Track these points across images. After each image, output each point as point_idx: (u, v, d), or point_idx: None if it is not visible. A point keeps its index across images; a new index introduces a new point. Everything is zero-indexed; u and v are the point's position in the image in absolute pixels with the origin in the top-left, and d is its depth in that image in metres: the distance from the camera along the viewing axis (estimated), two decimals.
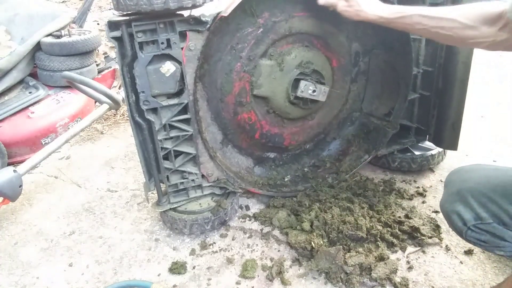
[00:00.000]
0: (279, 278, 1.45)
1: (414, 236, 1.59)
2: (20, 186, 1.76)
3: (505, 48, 1.06)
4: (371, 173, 2.10)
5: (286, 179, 1.96)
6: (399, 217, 1.68)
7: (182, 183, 1.66)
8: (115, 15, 1.37)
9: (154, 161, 1.59)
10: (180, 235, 1.72)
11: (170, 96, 1.49)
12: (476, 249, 1.53)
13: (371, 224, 1.57)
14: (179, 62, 1.42)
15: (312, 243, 1.49)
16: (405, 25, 1.25)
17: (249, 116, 1.73)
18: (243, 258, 1.57)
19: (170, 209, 1.69)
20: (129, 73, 1.41)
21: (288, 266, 1.51)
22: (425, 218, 1.70)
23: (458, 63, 1.74)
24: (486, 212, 1.06)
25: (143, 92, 1.41)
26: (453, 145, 1.92)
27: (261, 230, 1.72)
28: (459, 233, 1.13)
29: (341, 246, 1.46)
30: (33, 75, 2.87)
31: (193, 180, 1.67)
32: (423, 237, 1.57)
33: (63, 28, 2.91)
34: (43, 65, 2.79)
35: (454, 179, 1.21)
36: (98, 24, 4.24)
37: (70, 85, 2.20)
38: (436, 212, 1.77)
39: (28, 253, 1.68)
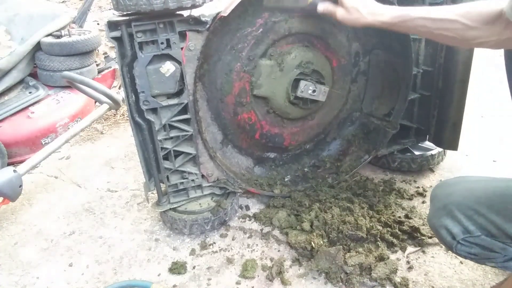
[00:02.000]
0: (279, 278, 1.45)
1: (414, 236, 1.59)
2: (20, 186, 1.76)
3: (511, 46, 1.05)
4: (371, 173, 2.10)
5: (286, 179, 1.96)
6: (399, 217, 1.68)
7: (182, 183, 1.66)
8: (114, 15, 1.37)
9: (154, 161, 1.59)
10: (180, 235, 1.72)
11: (170, 96, 1.49)
12: None
13: (371, 224, 1.57)
14: (179, 62, 1.42)
15: (312, 243, 1.49)
16: (407, 29, 1.23)
17: (249, 116, 1.73)
18: (243, 258, 1.57)
19: (170, 209, 1.69)
20: (129, 73, 1.41)
21: (288, 266, 1.51)
22: (425, 218, 1.70)
23: (458, 63, 1.74)
24: (473, 225, 1.05)
25: (143, 92, 1.41)
26: (454, 145, 1.92)
27: (261, 230, 1.72)
28: (449, 247, 1.12)
29: (341, 246, 1.46)
30: (33, 75, 2.87)
31: (193, 180, 1.67)
32: (423, 237, 1.57)
33: (63, 28, 2.91)
34: (43, 65, 2.79)
35: (439, 194, 1.20)
36: (98, 24, 4.24)
37: (70, 85, 2.20)
38: None
39: (28, 253, 1.68)
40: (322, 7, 1.39)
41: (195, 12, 1.40)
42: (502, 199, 1.04)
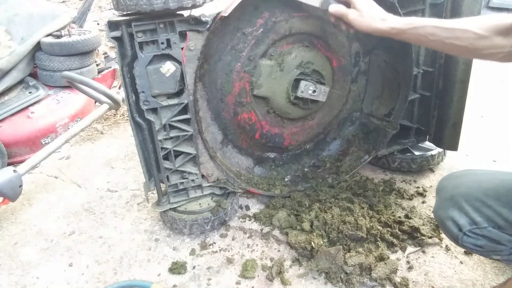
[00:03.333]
0: (279, 278, 1.45)
1: (414, 236, 1.59)
2: (20, 186, 1.76)
3: None
4: (371, 173, 2.10)
5: (286, 179, 1.96)
6: (399, 217, 1.68)
7: (182, 183, 1.66)
8: (115, 15, 1.37)
9: (154, 161, 1.59)
10: (180, 235, 1.72)
11: (170, 96, 1.49)
12: None
13: (371, 224, 1.57)
14: (179, 62, 1.42)
15: (312, 243, 1.49)
16: (418, 36, 1.20)
17: (249, 116, 1.73)
18: (243, 258, 1.57)
19: (170, 209, 1.69)
20: (129, 73, 1.41)
21: (288, 266, 1.51)
22: (425, 218, 1.70)
23: (458, 63, 1.74)
24: (480, 217, 1.06)
25: (143, 92, 1.41)
26: (454, 146, 1.92)
27: (261, 230, 1.72)
28: (455, 239, 1.12)
29: (341, 246, 1.46)
30: (33, 75, 2.87)
31: (193, 180, 1.67)
32: (423, 237, 1.57)
33: (63, 28, 2.91)
34: (43, 65, 2.78)
35: (446, 185, 1.20)
36: (98, 24, 4.24)
37: (70, 85, 2.20)
38: None
39: (28, 253, 1.68)
40: (334, 8, 1.34)
41: (196, 12, 1.40)
42: (510, 192, 1.05)
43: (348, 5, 1.31)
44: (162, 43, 1.37)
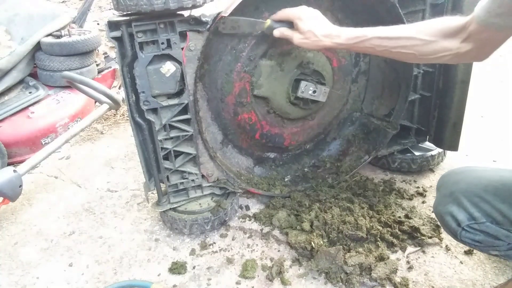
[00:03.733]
0: (279, 278, 1.45)
1: (414, 236, 1.59)
2: (20, 186, 1.76)
3: (471, 59, 1.06)
4: (371, 173, 2.10)
5: (286, 179, 1.96)
6: (399, 217, 1.68)
7: (182, 183, 1.66)
8: (115, 15, 1.37)
9: (154, 161, 1.59)
10: (180, 235, 1.72)
11: (170, 96, 1.49)
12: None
13: (371, 224, 1.57)
14: (179, 62, 1.42)
15: (312, 243, 1.49)
16: (365, 49, 1.24)
17: (249, 117, 1.73)
18: (243, 258, 1.57)
19: (170, 209, 1.69)
20: (129, 73, 1.41)
21: (288, 266, 1.51)
22: (425, 218, 1.70)
23: (459, 64, 1.74)
24: (479, 212, 1.07)
25: (143, 92, 1.41)
26: (454, 146, 1.92)
27: (261, 230, 1.72)
28: (454, 234, 1.14)
29: (341, 246, 1.46)
30: (33, 75, 2.87)
31: (193, 180, 1.67)
32: (423, 237, 1.57)
33: (63, 28, 2.91)
34: (43, 65, 2.79)
35: (446, 182, 1.22)
36: (98, 24, 4.25)
37: (70, 85, 2.20)
38: None
39: (28, 253, 1.68)
40: (278, 32, 1.41)
41: (196, 12, 1.40)
42: (508, 187, 1.06)
43: (292, 25, 1.35)
44: (162, 43, 1.37)
